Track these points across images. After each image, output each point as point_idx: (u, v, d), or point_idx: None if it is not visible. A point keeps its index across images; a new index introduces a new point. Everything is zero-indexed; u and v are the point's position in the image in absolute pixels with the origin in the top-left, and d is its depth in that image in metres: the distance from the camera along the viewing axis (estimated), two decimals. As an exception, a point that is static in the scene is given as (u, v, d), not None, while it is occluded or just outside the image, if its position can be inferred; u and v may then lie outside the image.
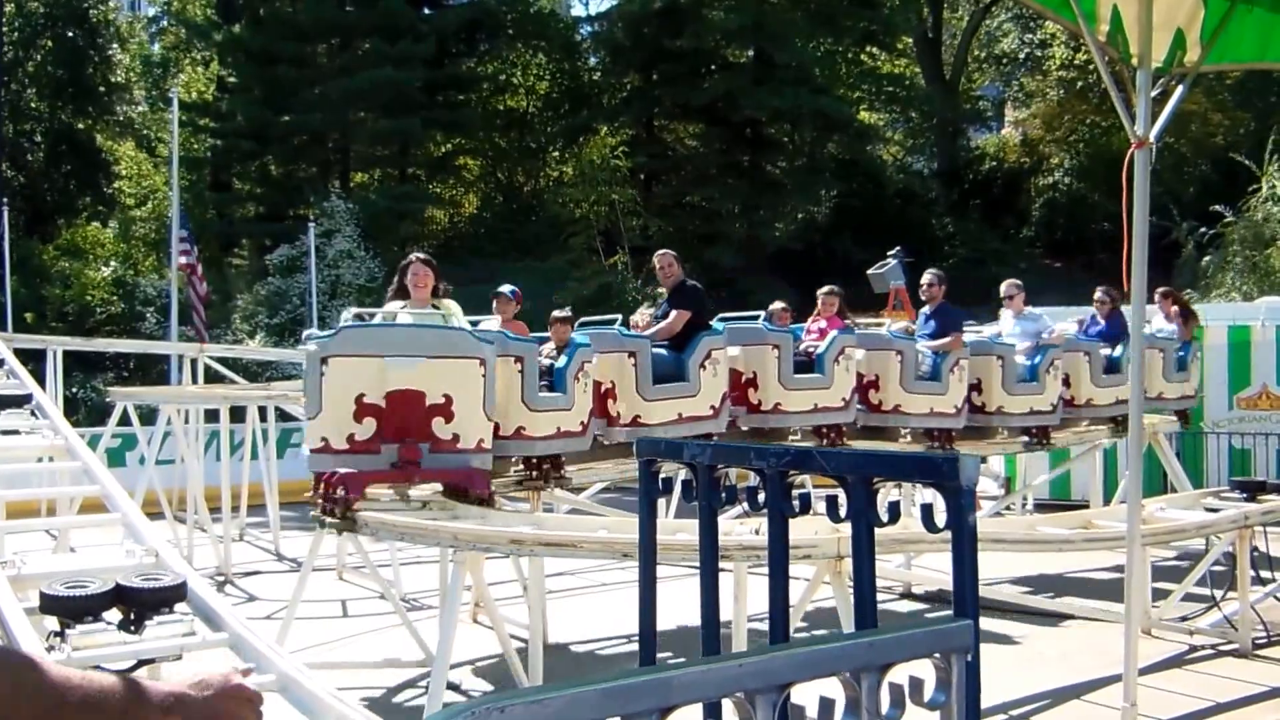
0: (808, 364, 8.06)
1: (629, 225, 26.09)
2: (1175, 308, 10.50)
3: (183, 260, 17.85)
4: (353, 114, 27.38)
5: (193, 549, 10.34)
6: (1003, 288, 9.94)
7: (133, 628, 3.20)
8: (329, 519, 5.54)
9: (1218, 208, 21.09)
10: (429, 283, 6.35)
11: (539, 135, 32.35)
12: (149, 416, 11.58)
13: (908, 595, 9.03)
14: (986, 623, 8.06)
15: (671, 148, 31.19)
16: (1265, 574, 8.02)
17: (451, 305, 6.38)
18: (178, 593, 3.31)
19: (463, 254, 29.24)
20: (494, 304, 7.85)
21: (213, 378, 13.90)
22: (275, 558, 10.93)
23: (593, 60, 32.96)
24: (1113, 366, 9.61)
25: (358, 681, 6.41)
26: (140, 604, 3.21)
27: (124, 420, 11.68)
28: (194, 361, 13.62)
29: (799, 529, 5.03)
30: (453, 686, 5.91)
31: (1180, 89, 5.01)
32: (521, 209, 30.80)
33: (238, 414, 12.02)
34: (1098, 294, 10.20)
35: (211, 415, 11.65)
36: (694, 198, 29.26)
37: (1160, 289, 10.66)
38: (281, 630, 6.44)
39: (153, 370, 19.90)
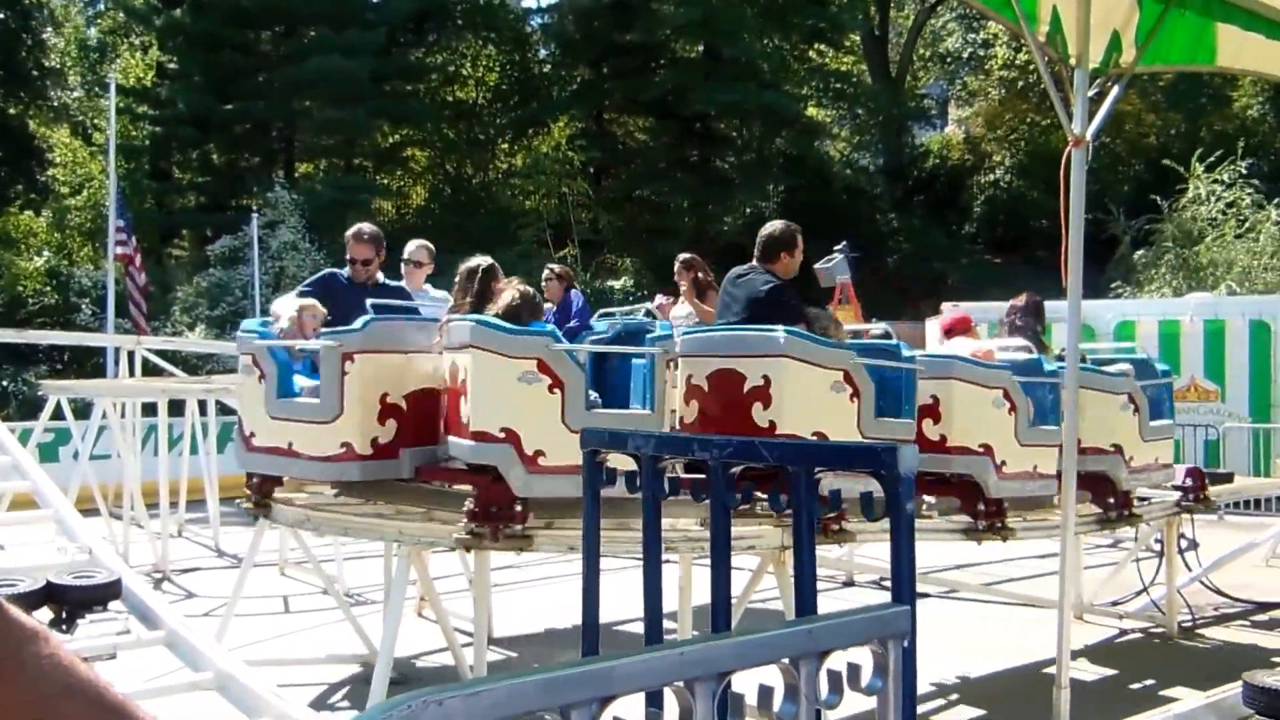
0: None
1: (579, 218, 26.07)
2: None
3: (120, 250, 17.45)
4: (298, 103, 26.99)
5: (129, 546, 10.14)
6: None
7: (64, 627, 3.15)
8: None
9: (1159, 203, 21.58)
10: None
11: (488, 127, 32.16)
12: (83, 410, 11.33)
13: (850, 584, 9.14)
14: (925, 608, 8.23)
15: (621, 141, 31.20)
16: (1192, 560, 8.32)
17: None
18: (111, 590, 3.26)
19: (410, 246, 28.96)
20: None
21: (151, 370, 13.62)
22: (215, 554, 10.76)
23: (543, 52, 32.86)
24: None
25: (299, 678, 6.35)
26: (72, 602, 3.15)
27: (57, 414, 11.41)
28: (131, 354, 13.33)
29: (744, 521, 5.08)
30: (396, 681, 5.86)
31: (1116, 89, 5.13)
32: (470, 201, 30.61)
33: (177, 407, 11.80)
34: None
35: (149, 409, 11.43)
36: (644, 192, 29.30)
37: None
38: (221, 627, 6.34)
39: (88, 363, 19.48)
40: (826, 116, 33.63)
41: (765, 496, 2.16)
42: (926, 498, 5.98)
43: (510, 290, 5.27)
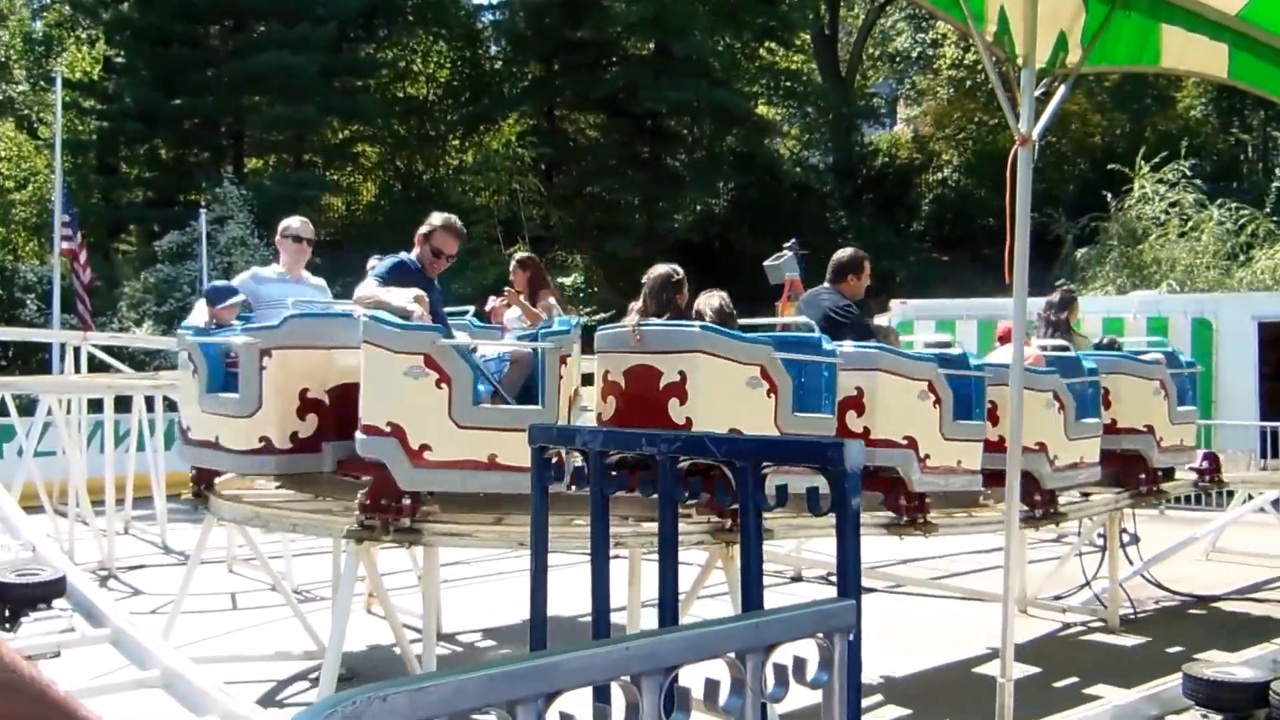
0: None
1: (529, 215, 26.00)
2: None
3: (66, 246, 17.14)
4: (247, 98, 26.63)
5: (74, 543, 9.98)
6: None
7: (7, 625, 3.09)
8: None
9: (1107, 201, 21.98)
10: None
11: (439, 123, 31.97)
12: (28, 407, 11.12)
13: (798, 579, 9.22)
14: (872, 602, 8.32)
15: (572, 138, 31.15)
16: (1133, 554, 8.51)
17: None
18: (55, 588, 3.20)
19: (360, 243, 28.69)
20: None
21: (97, 366, 13.38)
22: (162, 551, 10.62)
23: (494, 49, 32.71)
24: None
25: (247, 675, 6.28)
26: (15, 600, 3.10)
27: (1, 410, 11.19)
28: (77, 350, 13.06)
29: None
30: (345, 678, 5.82)
31: (1062, 89, 5.20)
32: (421, 197, 30.37)
33: (123, 404, 11.60)
34: None
35: (95, 405, 11.23)
36: (594, 188, 29.28)
37: None
38: (167, 624, 6.26)
39: (33, 359, 19.12)
40: (777, 115, 33.83)
41: (705, 494, 2.18)
42: None
43: (714, 297, 5.60)
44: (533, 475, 2.33)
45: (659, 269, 5.76)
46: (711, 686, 1.51)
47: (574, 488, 2.34)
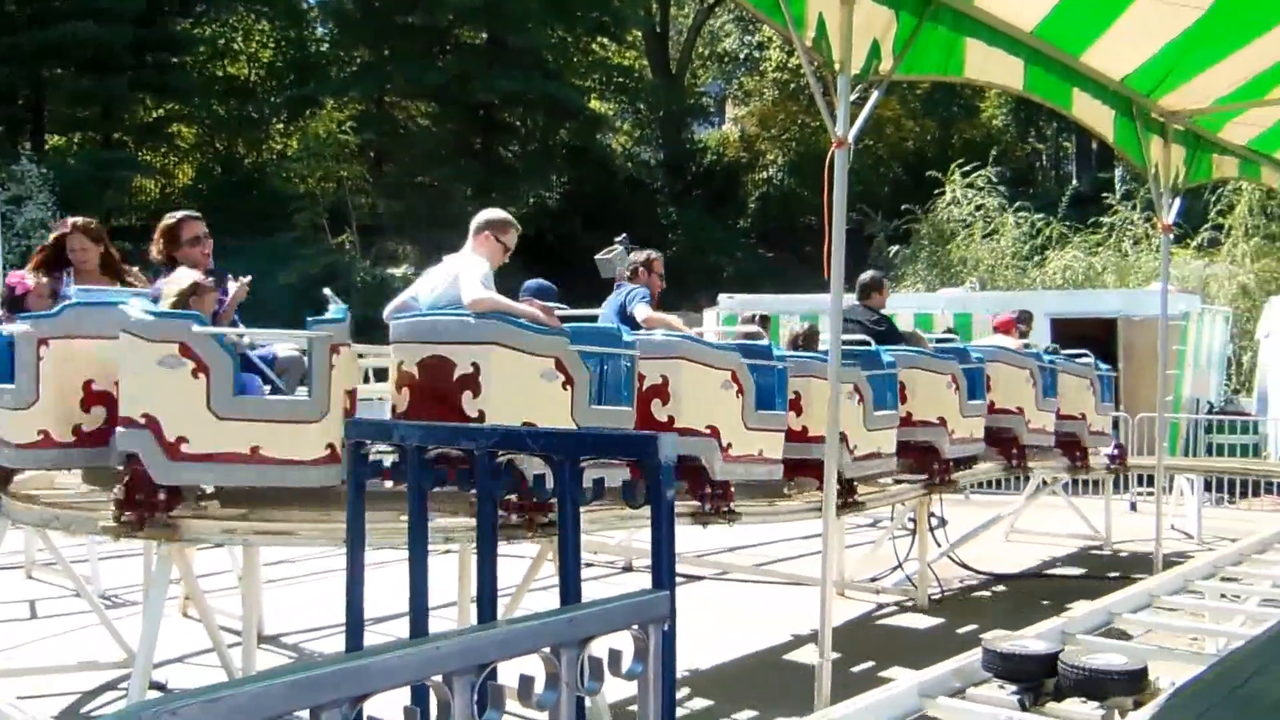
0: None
1: (358, 203, 25.31)
2: None
3: None
4: (47, 69, 24.90)
5: None
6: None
7: None
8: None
9: (914, 207, 23.10)
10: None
11: (262, 105, 30.76)
12: None
13: (629, 570, 9.32)
14: (698, 589, 8.51)
15: (403, 126, 30.47)
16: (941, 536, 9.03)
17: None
18: None
19: (176, 228, 27.29)
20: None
21: None
22: (-52, 559, 9.84)
23: (320, 30, 31.65)
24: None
25: (47, 688, 5.90)
26: None
27: None
28: None
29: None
30: (157, 686, 5.54)
31: (875, 94, 5.43)
32: (242, 182, 29.16)
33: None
34: None
35: None
36: (426, 178, 28.73)
37: None
38: (-47, 638, 5.82)
39: None
40: (609, 109, 34.04)
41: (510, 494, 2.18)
42: None
43: None
44: (349, 471, 2.28)
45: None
46: (526, 682, 1.51)
47: (391, 483, 2.30)
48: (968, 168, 22.64)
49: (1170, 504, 10.89)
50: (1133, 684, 3.03)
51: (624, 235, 14.53)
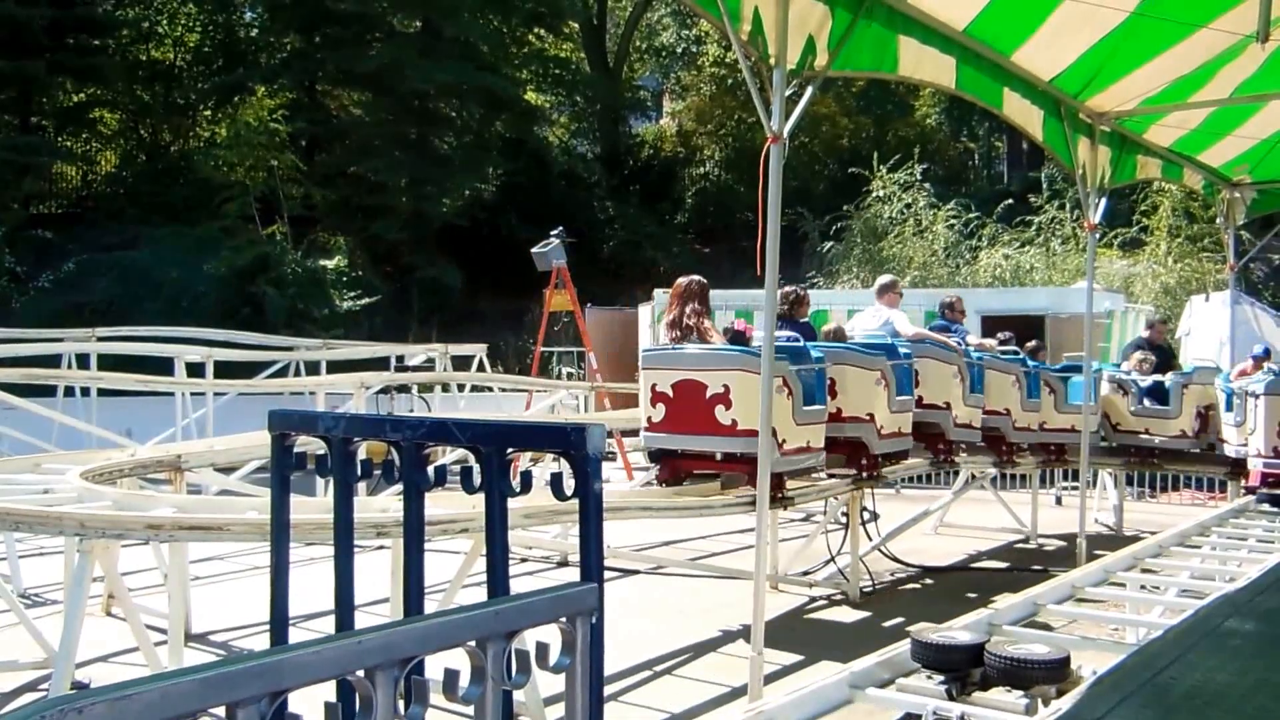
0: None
1: (289, 193, 24.82)
2: None
3: None
4: (-43, 50, 23.99)
5: None
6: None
7: None
8: None
9: (847, 204, 23.33)
10: None
11: (188, 91, 29.97)
12: None
13: (565, 564, 9.30)
14: (634, 583, 8.52)
15: (335, 115, 29.93)
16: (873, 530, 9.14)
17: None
18: None
19: (99, 216, 26.54)
20: None
21: None
22: None
23: (249, 15, 30.92)
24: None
25: (-42, 691, 5.71)
26: None
27: None
28: None
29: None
30: (79, 686, 5.39)
31: (810, 90, 5.46)
32: (169, 170, 28.38)
33: None
34: None
35: None
36: (359, 168, 28.25)
37: None
38: None
39: None
40: (546, 102, 33.84)
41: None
42: None
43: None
44: (272, 464, 2.22)
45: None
46: (451, 676, 1.49)
47: (319, 476, 2.24)
48: (895, 165, 22.92)
49: (1094, 498, 11.15)
50: (1056, 673, 3.09)
51: (559, 229, 14.53)
